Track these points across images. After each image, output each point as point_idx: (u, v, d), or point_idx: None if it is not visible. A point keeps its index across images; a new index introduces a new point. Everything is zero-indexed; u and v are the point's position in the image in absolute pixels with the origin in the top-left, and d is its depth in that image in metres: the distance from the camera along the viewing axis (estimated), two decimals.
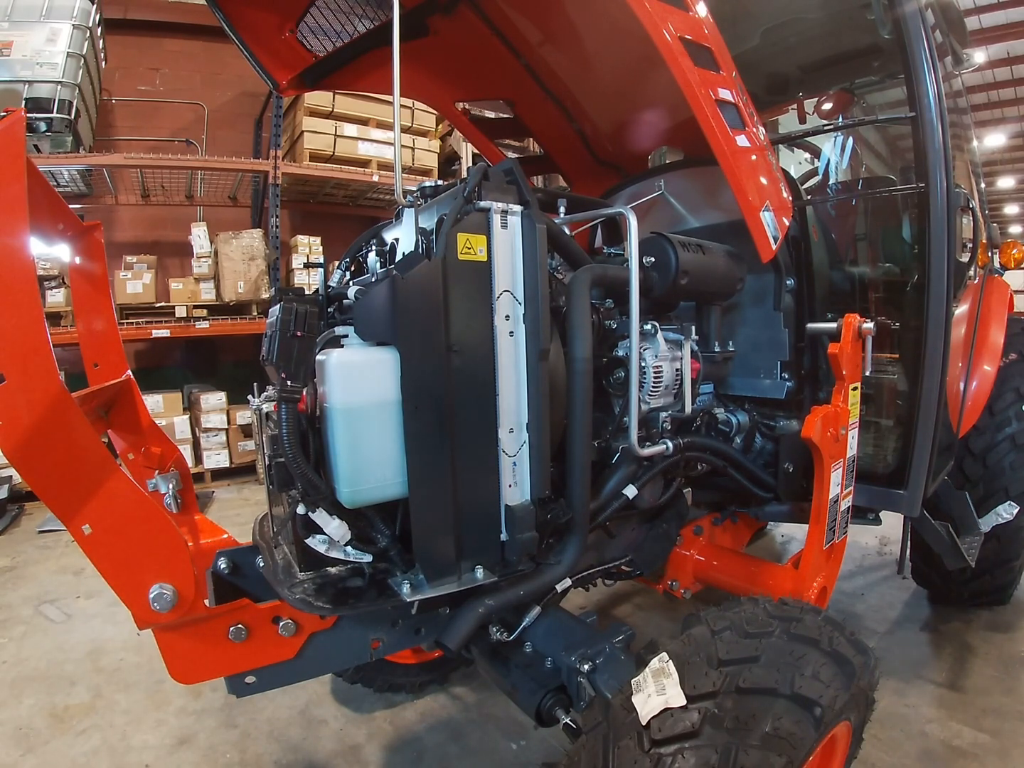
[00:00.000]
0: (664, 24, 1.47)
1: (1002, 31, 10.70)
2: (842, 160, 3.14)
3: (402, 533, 1.32)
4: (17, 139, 1.03)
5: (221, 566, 1.34)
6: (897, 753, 2.07)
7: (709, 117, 1.51)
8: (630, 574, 1.94)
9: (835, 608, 2.99)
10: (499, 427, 1.31)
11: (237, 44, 2.20)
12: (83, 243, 1.78)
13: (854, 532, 2.12)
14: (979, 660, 2.61)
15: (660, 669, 1.18)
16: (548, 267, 1.38)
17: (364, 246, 1.74)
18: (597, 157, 2.98)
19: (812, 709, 1.11)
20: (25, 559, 3.99)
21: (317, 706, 2.42)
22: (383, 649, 1.46)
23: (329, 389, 1.19)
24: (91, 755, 2.14)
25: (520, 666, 1.53)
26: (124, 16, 6.30)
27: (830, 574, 1.86)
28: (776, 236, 1.58)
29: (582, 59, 2.44)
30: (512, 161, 1.45)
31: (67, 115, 4.92)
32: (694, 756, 1.03)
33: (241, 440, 5.92)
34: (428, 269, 1.19)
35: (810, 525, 1.76)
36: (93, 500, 1.08)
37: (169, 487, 1.63)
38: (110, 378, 1.81)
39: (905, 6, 1.91)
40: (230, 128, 7.00)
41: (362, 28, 2.28)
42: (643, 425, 1.61)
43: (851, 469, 1.82)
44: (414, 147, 6.61)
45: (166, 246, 6.46)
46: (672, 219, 2.24)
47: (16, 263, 1.00)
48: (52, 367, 1.03)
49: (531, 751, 2.15)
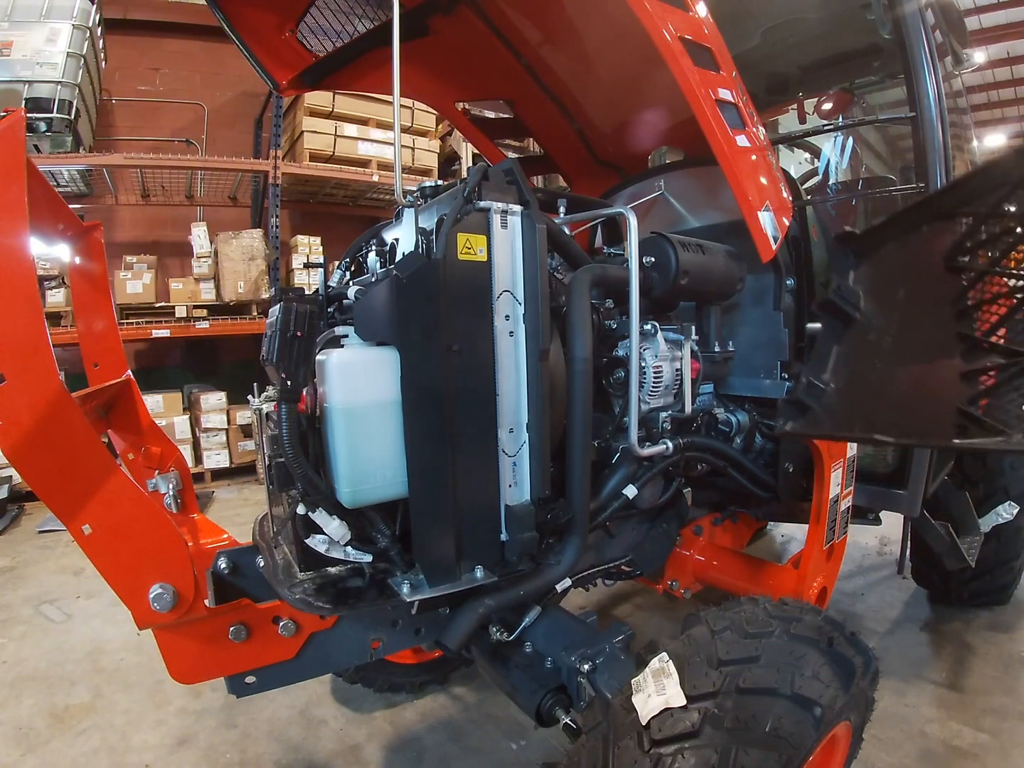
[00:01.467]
0: (664, 24, 1.47)
1: (1002, 31, 10.70)
2: (842, 160, 3.14)
3: (402, 533, 1.32)
4: (17, 139, 1.03)
5: (221, 566, 1.34)
6: (897, 753, 2.07)
7: (709, 117, 1.51)
8: (630, 574, 1.94)
9: (835, 608, 2.99)
10: (499, 427, 1.31)
11: (237, 44, 2.20)
12: (83, 243, 1.78)
13: (854, 532, 2.13)
14: (979, 660, 2.61)
15: (660, 669, 1.18)
16: (548, 267, 1.38)
17: (364, 246, 1.74)
18: (597, 157, 2.98)
19: (812, 709, 1.11)
20: (25, 559, 3.99)
21: (317, 706, 2.42)
22: (383, 649, 1.46)
23: (329, 389, 1.19)
24: (91, 755, 2.14)
25: (520, 666, 1.53)
26: (124, 16, 6.30)
27: (830, 574, 1.86)
28: (776, 236, 1.58)
29: (582, 59, 2.44)
30: (512, 161, 1.45)
31: (67, 115, 4.92)
32: (694, 756, 1.03)
33: (241, 440, 5.92)
34: (428, 269, 1.19)
35: (810, 525, 1.77)
36: (93, 500, 1.08)
37: (169, 487, 1.63)
38: (110, 378, 1.81)
39: (905, 6, 1.91)
40: (230, 128, 7.00)
41: (362, 28, 2.29)
42: (643, 425, 1.61)
43: (851, 469, 1.83)
44: (414, 147, 6.61)
45: (166, 246, 6.46)
46: (672, 219, 2.24)
47: (16, 263, 1.00)
48: (52, 367, 1.03)
49: (531, 751, 2.15)
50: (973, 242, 1.05)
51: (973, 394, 0.96)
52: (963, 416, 0.96)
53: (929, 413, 1.04)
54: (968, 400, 0.96)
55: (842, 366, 1.16)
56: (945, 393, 1.00)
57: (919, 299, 1.13)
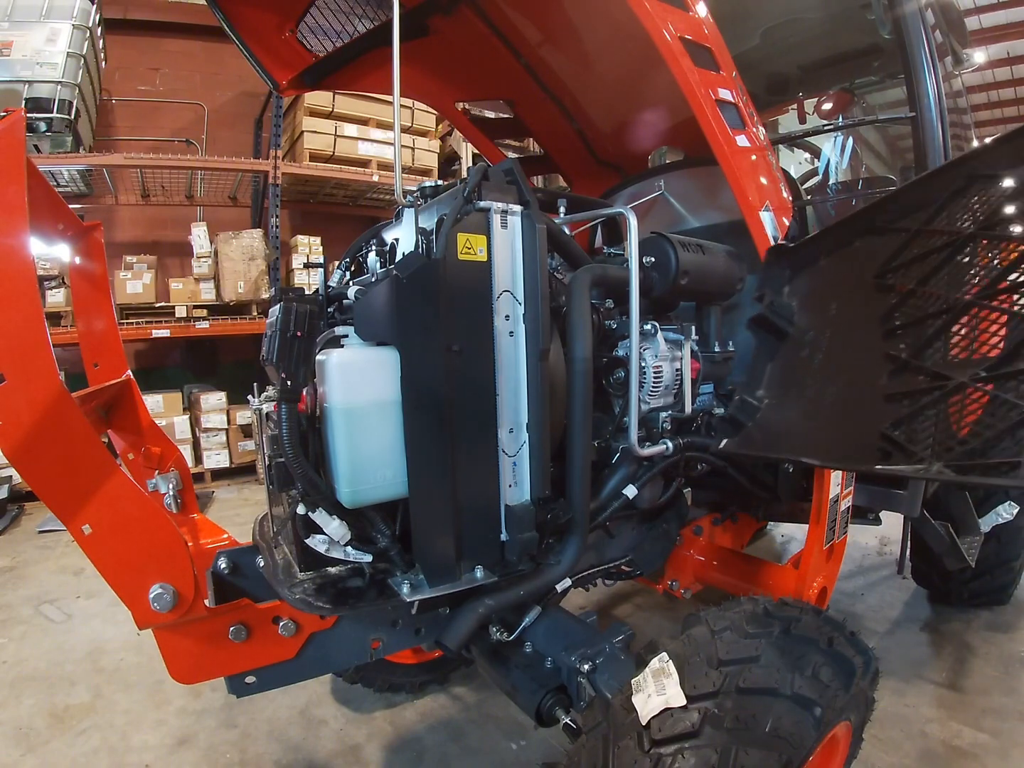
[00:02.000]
0: (664, 24, 1.47)
1: (1002, 31, 10.68)
2: (842, 160, 3.14)
3: (402, 533, 1.32)
4: (17, 139, 1.03)
5: (221, 566, 1.34)
6: (897, 753, 2.07)
7: (709, 117, 1.51)
8: (630, 574, 1.94)
9: (835, 608, 2.99)
10: (499, 427, 1.31)
11: (237, 44, 2.20)
12: (83, 243, 1.78)
13: (854, 532, 2.12)
14: (979, 660, 2.61)
15: (660, 669, 1.18)
16: (548, 267, 1.38)
17: (364, 246, 1.74)
18: (597, 157, 2.98)
19: (812, 709, 1.11)
20: (25, 559, 3.99)
21: (317, 706, 2.42)
22: (383, 649, 1.46)
23: (329, 389, 1.19)
24: (91, 755, 2.14)
25: (520, 666, 1.53)
26: (124, 16, 6.30)
27: (830, 574, 1.86)
28: (776, 236, 1.58)
29: (582, 59, 2.44)
30: (512, 161, 1.45)
31: (67, 115, 4.92)
32: (694, 756, 1.03)
33: (241, 440, 5.92)
34: (428, 269, 1.19)
35: (810, 525, 1.76)
36: (93, 500, 1.08)
37: (169, 487, 1.63)
38: (110, 378, 1.81)
39: (905, 6, 1.91)
40: (230, 128, 7.00)
41: (362, 28, 2.29)
42: (643, 425, 1.61)
43: None
44: (414, 147, 6.61)
45: (166, 246, 6.46)
46: (672, 219, 2.24)
47: (16, 263, 1.00)
48: (52, 367, 1.03)
49: (531, 751, 2.15)
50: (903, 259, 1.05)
51: (897, 417, 0.95)
52: (886, 440, 0.96)
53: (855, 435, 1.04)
54: (892, 424, 0.96)
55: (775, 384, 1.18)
56: (871, 415, 1.00)
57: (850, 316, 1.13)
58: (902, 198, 1.09)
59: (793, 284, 1.23)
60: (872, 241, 1.12)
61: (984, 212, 0.95)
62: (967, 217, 0.97)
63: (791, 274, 1.24)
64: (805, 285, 1.21)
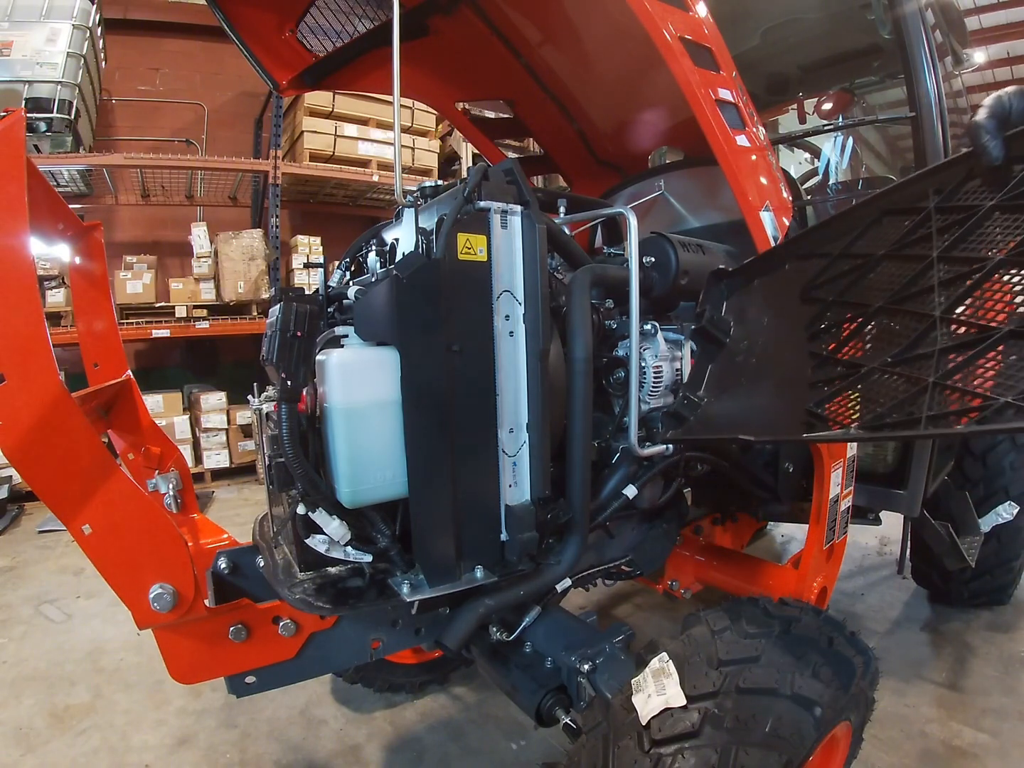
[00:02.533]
0: (664, 24, 1.47)
1: (1002, 31, 10.68)
2: (842, 160, 3.14)
3: (402, 533, 1.32)
4: (17, 139, 1.03)
5: (221, 566, 1.34)
6: (897, 753, 2.07)
7: (709, 117, 1.51)
8: (630, 574, 1.94)
9: (835, 608, 2.99)
10: (499, 427, 1.31)
11: (237, 44, 2.20)
12: (83, 243, 1.78)
13: (854, 532, 2.12)
14: (979, 660, 2.61)
15: (660, 669, 1.18)
16: (548, 267, 1.38)
17: (364, 246, 1.74)
18: (597, 157, 2.98)
19: (812, 709, 1.11)
20: (25, 559, 3.99)
21: (317, 706, 2.42)
22: (383, 649, 1.46)
23: (329, 389, 1.19)
24: (91, 755, 2.14)
25: (520, 666, 1.53)
26: (124, 16, 6.30)
27: (830, 574, 1.86)
28: (776, 236, 1.58)
29: (582, 59, 2.44)
30: (512, 161, 1.45)
31: (67, 115, 4.92)
32: (694, 756, 1.03)
33: (241, 440, 5.92)
34: (428, 269, 1.19)
35: (810, 525, 1.76)
36: (93, 500, 1.08)
37: (169, 487, 1.63)
38: (110, 378, 1.81)
39: (905, 6, 1.91)
40: (230, 128, 7.00)
41: (362, 28, 2.28)
42: (643, 425, 1.61)
43: (851, 469, 1.82)
44: (414, 147, 6.61)
45: (166, 246, 6.46)
46: (672, 219, 2.24)
47: (16, 263, 1.00)
48: (52, 367, 1.03)
49: (531, 751, 2.15)
50: (826, 277, 1.27)
51: (820, 398, 1.14)
52: (810, 415, 1.13)
53: (785, 415, 1.22)
54: (815, 403, 1.14)
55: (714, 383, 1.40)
56: (797, 399, 1.18)
57: (780, 324, 1.35)
58: (830, 226, 1.31)
59: (730, 301, 1.44)
60: (800, 264, 1.34)
61: (894, 238, 1.17)
62: (880, 242, 1.19)
63: (728, 293, 1.45)
64: (741, 302, 1.43)
